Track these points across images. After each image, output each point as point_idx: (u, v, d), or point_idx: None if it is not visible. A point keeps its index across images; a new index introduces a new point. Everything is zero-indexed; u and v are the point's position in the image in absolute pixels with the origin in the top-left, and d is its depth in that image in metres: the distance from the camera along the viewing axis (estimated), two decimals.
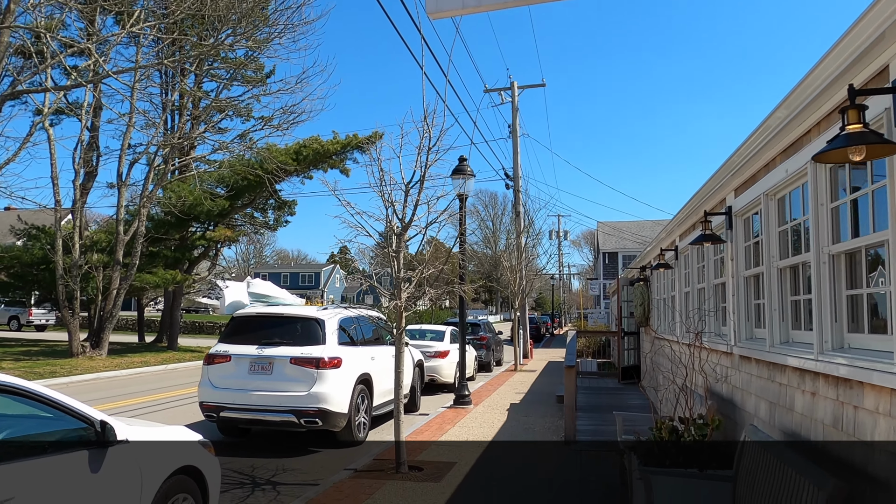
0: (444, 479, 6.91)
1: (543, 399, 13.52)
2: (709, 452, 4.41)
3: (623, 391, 12.45)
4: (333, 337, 9.12)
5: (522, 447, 8.52)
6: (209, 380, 9.05)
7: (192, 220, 24.89)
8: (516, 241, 23.44)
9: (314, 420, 8.56)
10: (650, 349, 11.50)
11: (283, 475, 7.57)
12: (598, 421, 10.01)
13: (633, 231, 41.52)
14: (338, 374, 8.83)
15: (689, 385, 5.12)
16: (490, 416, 11.15)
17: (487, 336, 21.53)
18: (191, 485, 4.81)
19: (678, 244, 8.18)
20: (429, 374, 15.16)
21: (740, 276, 5.15)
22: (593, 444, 8.52)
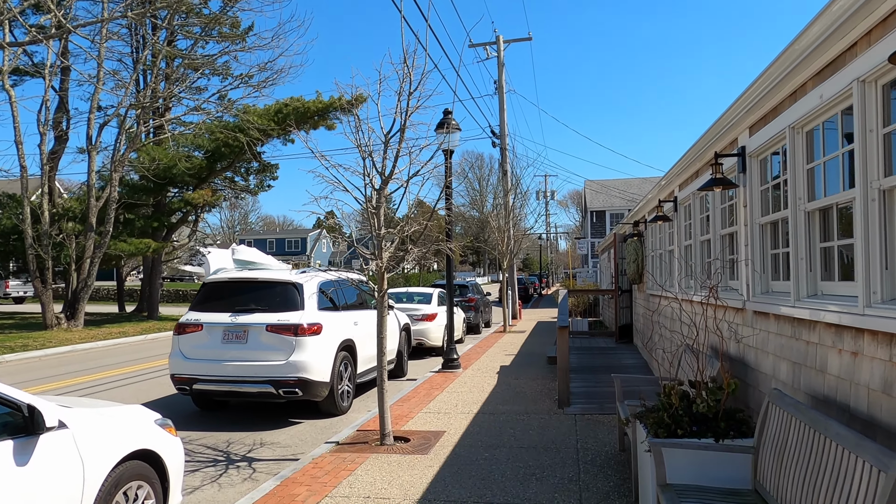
0: (431, 450, 6.47)
1: (534, 360, 13.14)
2: (725, 420, 3.94)
3: (616, 351, 12.08)
4: (312, 302, 8.57)
5: (514, 413, 8.10)
6: (180, 350, 8.50)
7: (168, 185, 24.02)
8: (503, 200, 22.84)
9: (294, 390, 8.06)
10: (644, 307, 11.09)
11: (260, 450, 7.10)
12: (591, 382, 9.62)
13: (620, 188, 41.03)
14: (318, 340, 8.31)
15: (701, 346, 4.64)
16: (480, 380, 10.73)
17: (476, 297, 21.10)
18: (147, 471, 4.30)
19: (677, 195, 7.65)
20: (416, 337, 14.72)
21: (755, 223, 4.63)
22: (588, 408, 8.11)
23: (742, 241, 4.83)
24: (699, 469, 3.81)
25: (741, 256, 4.81)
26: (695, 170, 6.51)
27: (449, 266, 11.93)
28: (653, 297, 9.91)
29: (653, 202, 9.11)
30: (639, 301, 11.75)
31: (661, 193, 8.13)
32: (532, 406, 8.51)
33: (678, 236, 7.58)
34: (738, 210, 4.95)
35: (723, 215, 5.73)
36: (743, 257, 4.78)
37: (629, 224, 12.10)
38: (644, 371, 10.13)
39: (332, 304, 9.16)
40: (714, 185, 4.71)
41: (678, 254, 7.61)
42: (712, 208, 5.87)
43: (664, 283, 8.67)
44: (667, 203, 7.84)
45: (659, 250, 9.41)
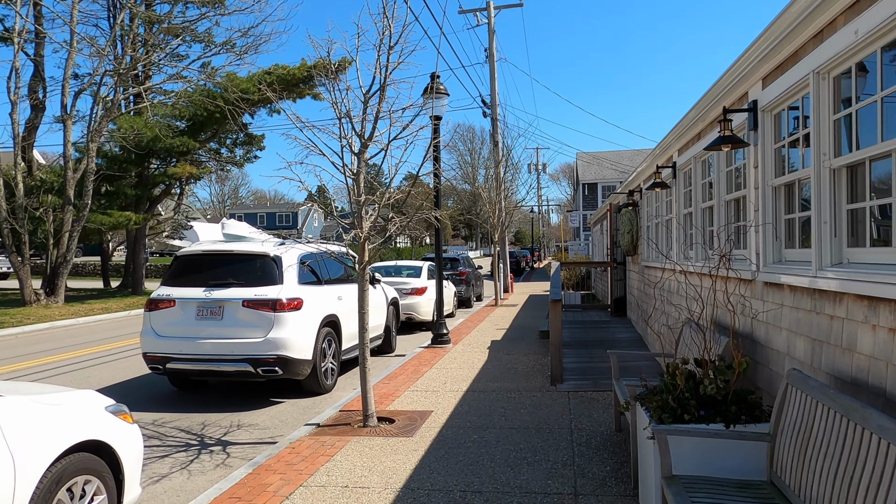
0: (416, 432, 6.09)
1: (526, 335, 12.79)
2: (735, 403, 3.55)
3: (610, 324, 11.74)
4: (292, 275, 8.12)
5: (505, 390, 7.73)
6: (152, 328, 8.06)
7: (150, 156, 23.32)
8: (495, 171, 22.32)
9: (273, 368, 7.66)
10: (639, 280, 10.71)
11: (236, 433, 6.71)
12: (585, 358, 9.26)
13: (612, 160, 40.46)
14: (299, 316, 7.88)
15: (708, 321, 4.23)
16: (470, 356, 10.37)
17: (467, 271, 20.71)
18: (96, 464, 3.88)
19: (676, 160, 7.20)
20: (405, 312, 14.35)
21: (767, 185, 4.19)
22: (582, 385, 7.75)
23: (753, 206, 4.40)
24: (706, 457, 3.43)
25: (752, 223, 4.38)
26: (697, 131, 6.05)
27: (438, 236, 11.47)
28: (649, 269, 9.52)
29: (649, 169, 8.65)
30: (633, 273, 11.37)
31: (659, 159, 7.68)
32: (524, 383, 8.14)
33: (677, 204, 7.15)
34: (748, 172, 4.51)
35: (728, 179, 5.29)
36: (753, 223, 4.35)
37: (623, 194, 11.66)
38: (639, 346, 9.79)
39: (314, 277, 8.72)
40: (722, 144, 4.25)
41: (677, 223, 7.19)
42: (716, 172, 5.43)
43: (660, 254, 8.26)
44: (665, 169, 7.39)
45: (655, 220, 8.98)
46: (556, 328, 7.86)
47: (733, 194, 5.15)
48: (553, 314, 7.92)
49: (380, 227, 6.35)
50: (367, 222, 6.25)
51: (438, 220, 8.95)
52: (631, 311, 11.87)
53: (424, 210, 6.43)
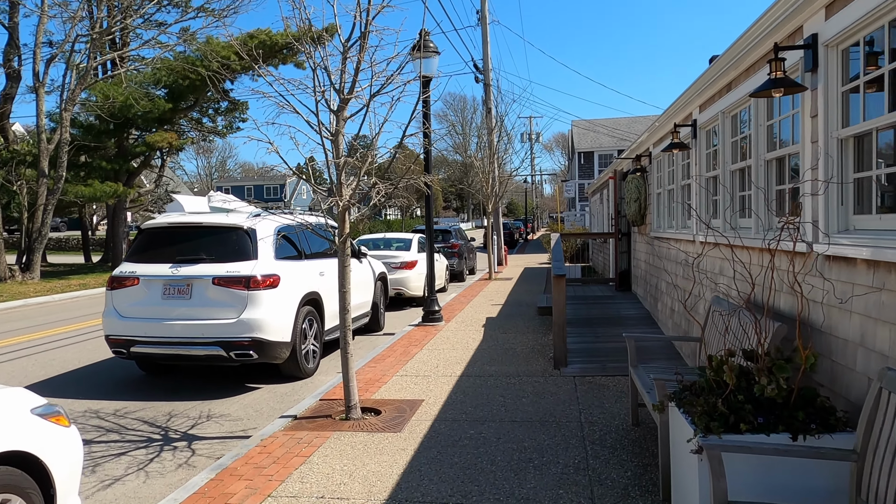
0: (405, 426, 5.38)
1: (523, 311, 12.09)
2: (802, 408, 2.83)
3: (614, 300, 11.05)
4: (268, 249, 7.34)
5: (504, 375, 7.03)
6: (115, 308, 7.28)
7: (128, 126, 22.26)
8: (488, 139, 21.41)
9: (247, 352, 6.92)
10: (646, 252, 9.98)
11: (205, 425, 5.99)
12: (589, 337, 8.57)
13: (609, 128, 39.53)
14: (275, 294, 7.12)
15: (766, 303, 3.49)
16: (464, 335, 9.66)
17: (459, 243, 19.96)
18: (17, 479, 3.17)
19: (697, 117, 6.40)
20: (395, 287, 13.61)
21: (831, 138, 3.43)
22: (589, 368, 7.06)
23: (809, 162, 3.63)
24: (767, 478, 2.72)
25: (809, 183, 3.62)
26: (727, 81, 5.24)
27: (428, 205, 10.66)
28: (659, 241, 8.78)
29: (662, 129, 7.85)
30: (640, 245, 10.64)
31: (676, 117, 6.88)
32: (524, 366, 7.44)
33: (698, 167, 6.37)
34: (803, 123, 3.73)
35: (769, 134, 4.51)
36: (811, 185, 3.59)
37: (629, 159, 10.87)
38: (648, 324, 9.10)
39: (294, 251, 7.95)
40: (773, 89, 3.47)
41: (697, 188, 6.42)
42: (753, 127, 4.64)
43: (676, 223, 7.52)
44: (683, 128, 6.60)
45: (669, 186, 8.21)
46: (560, 306, 7.14)
47: (778, 152, 4.38)
48: (556, 291, 7.19)
49: (362, 194, 5.56)
50: (347, 189, 5.45)
51: (428, 187, 8.14)
52: (637, 286, 11.17)
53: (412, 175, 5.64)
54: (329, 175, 5.37)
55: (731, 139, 5.39)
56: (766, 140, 4.51)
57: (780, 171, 4.42)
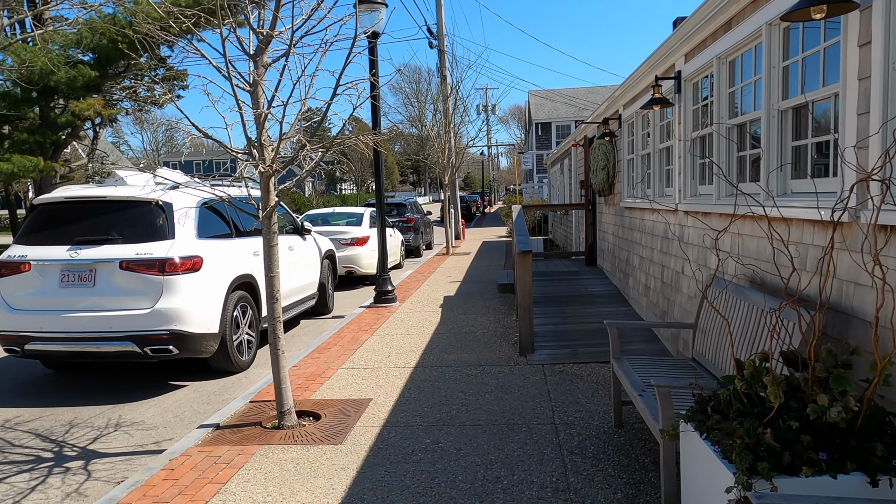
0: (349, 434, 4.51)
1: (483, 289, 11.31)
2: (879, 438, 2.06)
3: (580, 276, 10.34)
4: (188, 226, 6.31)
5: (464, 365, 6.22)
6: (3, 299, 6.16)
7: (50, 94, 20.38)
8: (443, 106, 20.40)
9: (166, 347, 5.92)
10: (615, 224, 9.26)
11: (111, 437, 5.01)
12: (557, 318, 7.82)
13: (567, 97, 38.82)
14: (198, 279, 6.12)
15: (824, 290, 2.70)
16: (419, 317, 8.81)
17: (415, 217, 19.04)
18: None
19: (682, 68, 5.60)
20: (345, 265, 12.65)
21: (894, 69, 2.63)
22: (558, 355, 6.30)
23: (855, 106, 2.84)
24: None
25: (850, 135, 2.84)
26: (726, 19, 4.43)
27: (378, 170, 9.65)
28: (631, 212, 8.05)
29: (638, 85, 7.05)
30: (607, 217, 9.91)
31: (658, 68, 6.07)
32: (486, 353, 6.64)
33: (683, 126, 5.59)
34: (846, 56, 2.93)
35: (784, 79, 3.71)
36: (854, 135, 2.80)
37: (596, 123, 10.08)
38: (618, 301, 8.40)
39: (225, 228, 6.93)
40: (813, 7, 2.65)
41: (681, 150, 5.65)
42: (765, 69, 3.84)
43: (654, 192, 6.76)
44: (666, 81, 5.80)
45: (643, 151, 7.44)
46: (526, 287, 6.33)
47: (795, 100, 3.59)
48: (521, 269, 6.38)
49: (288, 158, 4.58)
50: (270, 150, 4.47)
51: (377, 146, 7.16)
52: (603, 260, 10.48)
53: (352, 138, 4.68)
54: (246, 134, 4.38)
55: (727, 89, 4.60)
56: (780, 85, 3.71)
57: (797, 124, 3.64)
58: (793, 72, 3.61)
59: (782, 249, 2.55)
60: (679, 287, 5.79)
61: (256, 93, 4.43)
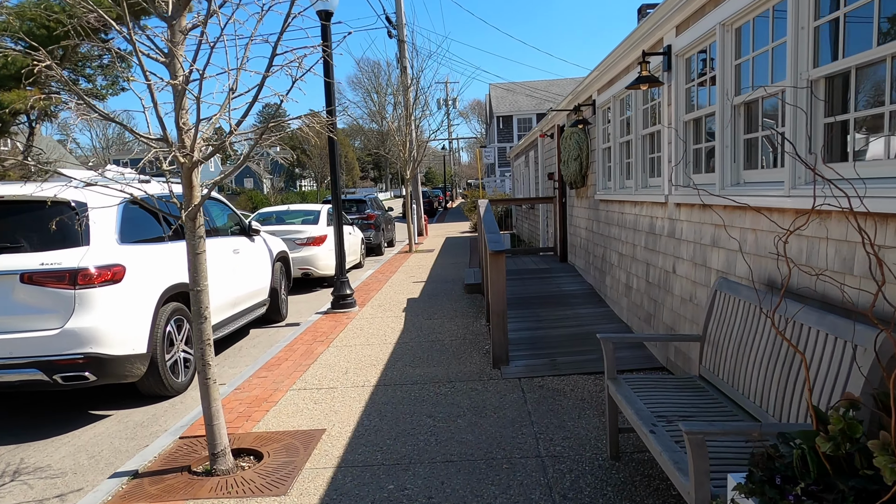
0: (295, 481, 3.73)
1: (448, 289, 10.60)
2: None
3: (551, 273, 9.71)
4: (108, 230, 5.43)
5: (432, 381, 5.49)
6: None
7: None
8: (404, 97, 19.58)
9: (80, 374, 5.04)
10: (588, 218, 8.65)
11: (8, 489, 4.12)
12: (531, 321, 7.15)
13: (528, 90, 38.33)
14: (119, 291, 5.25)
15: None
16: (381, 324, 8.04)
17: (376, 214, 18.21)
18: None
19: (672, 43, 4.96)
20: (301, 266, 11.80)
21: None
22: (536, 366, 5.62)
23: None
24: None
25: None
26: None
27: (333, 159, 8.81)
28: (607, 205, 7.42)
29: (619, 65, 6.39)
30: (579, 210, 9.30)
31: (645, 43, 5.42)
32: (456, 366, 5.92)
33: (674, 108, 4.95)
34: None
35: (816, 40, 3.08)
36: None
37: (567, 111, 9.43)
38: (594, 301, 7.78)
39: (156, 230, 6.06)
40: None
41: (671, 136, 5.01)
42: (791, 31, 3.19)
43: (635, 181, 6.12)
44: (653, 57, 5.15)
45: (623, 138, 6.81)
46: (500, 291, 5.63)
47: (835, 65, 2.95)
48: (494, 271, 5.67)
49: (215, 146, 3.76)
50: (190, 135, 3.65)
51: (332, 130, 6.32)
52: (575, 257, 9.87)
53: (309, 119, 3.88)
54: (158, 115, 3.55)
55: (733, 61, 3.95)
56: (811, 50, 3.06)
57: (831, 95, 3.00)
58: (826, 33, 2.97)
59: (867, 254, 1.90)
60: (669, 288, 5.17)
61: (174, 65, 3.60)
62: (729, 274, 3.95)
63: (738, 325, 3.20)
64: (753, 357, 2.95)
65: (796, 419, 2.47)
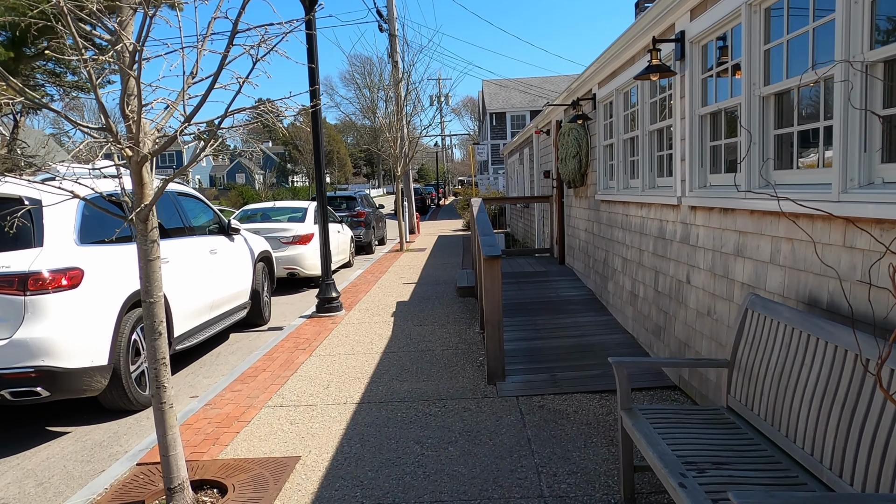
0: None
1: (440, 292, 10.13)
2: None
3: (549, 277, 9.25)
4: (64, 230, 4.93)
5: (420, 399, 5.02)
6: None
7: None
8: (395, 91, 19.06)
9: (31, 389, 4.55)
10: (587, 219, 8.20)
11: None
12: (528, 330, 6.69)
13: (522, 86, 37.84)
14: (77, 298, 4.76)
15: None
16: (368, 330, 7.57)
17: (366, 211, 17.71)
18: None
19: (686, 28, 4.50)
20: (287, 266, 11.30)
21: None
22: (535, 382, 5.16)
23: None
24: None
25: None
26: None
27: (317, 142, 8.30)
28: (609, 205, 6.97)
29: (623, 56, 5.93)
30: (578, 210, 8.84)
31: (654, 30, 4.96)
32: (447, 380, 5.46)
33: (688, 101, 4.49)
34: None
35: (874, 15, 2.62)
36: None
37: (564, 106, 8.97)
38: (595, 308, 7.33)
39: (124, 231, 5.55)
40: None
41: (685, 131, 4.55)
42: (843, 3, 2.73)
43: (643, 181, 5.67)
44: (664, 45, 4.69)
45: (627, 134, 6.35)
46: (495, 300, 5.16)
47: None
48: (489, 278, 5.20)
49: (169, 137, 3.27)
50: (143, 124, 3.15)
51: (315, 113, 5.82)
52: (573, 259, 9.42)
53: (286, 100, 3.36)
54: (99, 101, 3.06)
55: (762, 46, 3.49)
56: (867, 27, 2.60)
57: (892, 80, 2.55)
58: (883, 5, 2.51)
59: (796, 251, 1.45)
60: (682, 299, 4.72)
61: (121, 43, 3.11)
62: (758, 288, 3.50)
63: (779, 353, 2.75)
64: (801, 393, 2.50)
65: (876, 483, 2.01)
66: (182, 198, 7.02)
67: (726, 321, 3.95)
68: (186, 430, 4.58)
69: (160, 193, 3.30)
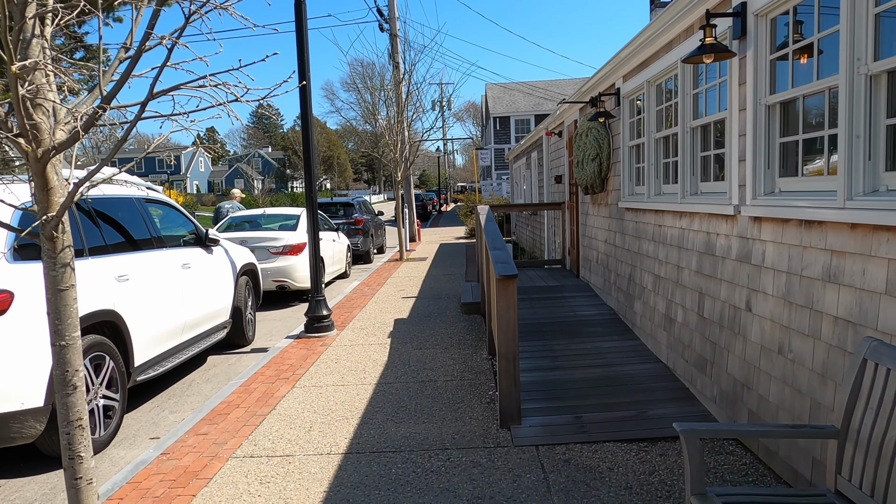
0: None
1: (442, 307, 9.28)
2: None
3: (563, 293, 8.39)
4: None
5: (420, 449, 4.16)
6: None
7: None
8: (395, 94, 18.27)
9: None
10: (608, 229, 7.35)
11: None
12: (544, 359, 5.82)
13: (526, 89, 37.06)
14: (5, 327, 3.92)
15: None
16: (361, 355, 6.72)
17: (364, 218, 16.86)
18: None
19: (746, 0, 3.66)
20: (277, 278, 10.45)
21: None
22: (555, 424, 4.31)
23: None
24: None
25: None
26: None
27: (306, 137, 7.48)
28: (635, 214, 6.13)
29: (658, 41, 5.09)
30: (596, 219, 8.00)
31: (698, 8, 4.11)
32: (452, 422, 4.60)
33: (752, 88, 3.65)
34: None
35: None
36: None
37: (581, 104, 8.13)
38: (621, 331, 6.47)
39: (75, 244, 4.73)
40: None
41: (747, 125, 3.71)
42: None
43: (684, 187, 4.82)
44: (720, 19, 3.86)
45: (660, 133, 5.51)
46: (510, 328, 4.32)
47: None
48: (503, 302, 4.35)
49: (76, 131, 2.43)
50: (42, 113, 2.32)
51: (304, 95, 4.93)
52: (590, 273, 8.57)
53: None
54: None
55: (871, 10, 2.66)
56: None
57: None
58: None
59: None
60: (740, 330, 3.88)
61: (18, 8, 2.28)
62: (863, 326, 2.66)
63: None
64: None
65: None
66: (150, 204, 6.20)
67: (808, 363, 3.11)
68: (132, 491, 3.73)
69: (71, 200, 2.46)
